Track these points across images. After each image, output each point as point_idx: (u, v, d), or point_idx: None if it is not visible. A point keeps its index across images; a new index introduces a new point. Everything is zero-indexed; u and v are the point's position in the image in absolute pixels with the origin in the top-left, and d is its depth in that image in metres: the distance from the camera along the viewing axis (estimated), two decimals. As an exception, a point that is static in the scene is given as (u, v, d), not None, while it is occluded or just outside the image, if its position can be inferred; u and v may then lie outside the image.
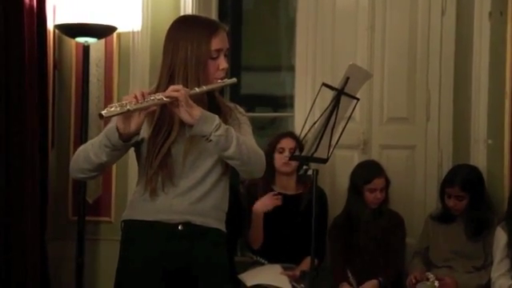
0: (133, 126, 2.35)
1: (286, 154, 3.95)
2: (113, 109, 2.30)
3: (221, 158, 2.47)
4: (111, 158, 2.43)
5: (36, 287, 4.01)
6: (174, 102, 2.34)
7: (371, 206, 4.00)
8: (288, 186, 4.07)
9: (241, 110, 2.63)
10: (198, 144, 2.46)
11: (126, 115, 2.33)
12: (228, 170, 2.54)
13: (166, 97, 2.34)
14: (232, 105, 2.63)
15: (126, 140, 2.39)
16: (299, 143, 3.89)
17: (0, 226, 3.78)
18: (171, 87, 2.37)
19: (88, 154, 2.42)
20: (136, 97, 2.33)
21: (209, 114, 2.37)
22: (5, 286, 3.81)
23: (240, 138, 2.41)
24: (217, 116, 2.38)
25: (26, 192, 3.90)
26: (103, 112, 2.29)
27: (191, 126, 2.36)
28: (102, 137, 2.41)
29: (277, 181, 4.07)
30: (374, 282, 3.88)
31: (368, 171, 4.02)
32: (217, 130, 2.35)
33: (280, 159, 4.00)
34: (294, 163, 3.96)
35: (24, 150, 3.89)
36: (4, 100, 3.78)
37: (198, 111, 2.35)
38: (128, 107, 2.30)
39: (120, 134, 2.36)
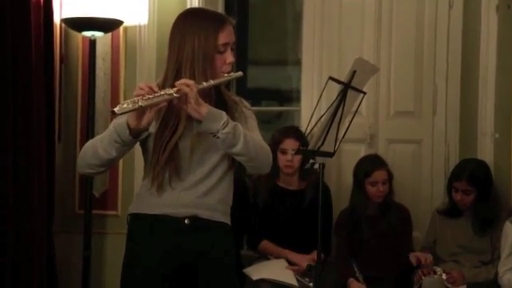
0: (144, 121, 2.35)
1: (289, 157, 3.95)
2: (125, 105, 2.29)
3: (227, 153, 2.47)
4: (120, 154, 2.43)
5: (43, 280, 4.03)
6: (183, 98, 2.34)
7: (375, 200, 3.99)
8: (291, 181, 4.07)
9: (246, 103, 2.63)
10: (204, 139, 2.46)
11: (139, 111, 2.32)
12: (234, 165, 2.54)
13: (177, 91, 2.34)
14: (237, 98, 2.63)
15: (136, 136, 2.39)
16: (303, 140, 3.86)
17: (8, 218, 3.79)
18: (182, 80, 2.36)
19: (97, 149, 2.42)
20: (144, 89, 2.32)
21: (216, 111, 2.37)
22: (12, 279, 3.82)
23: (247, 135, 2.41)
24: (224, 113, 2.38)
25: (32, 185, 3.91)
26: (116, 109, 2.29)
27: (199, 122, 2.36)
28: (111, 132, 2.40)
29: (280, 176, 4.07)
30: None
31: (368, 164, 4.01)
32: (224, 127, 2.35)
33: (283, 160, 3.99)
34: (297, 163, 3.97)
35: (31, 144, 3.90)
36: (11, 94, 3.78)
37: (205, 108, 2.35)
38: (140, 104, 2.30)
39: (130, 130, 2.36)
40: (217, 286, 2.54)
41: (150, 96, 2.32)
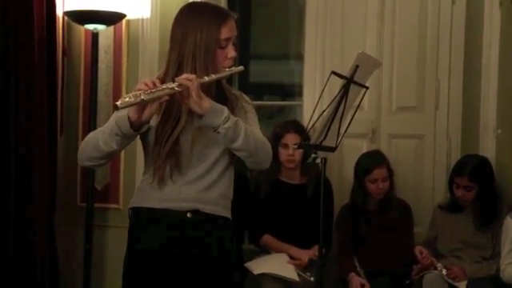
0: (145, 115, 2.35)
1: (290, 151, 3.95)
2: (127, 99, 2.30)
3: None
4: (121, 146, 2.44)
5: (45, 273, 4.04)
6: (184, 92, 2.34)
7: (375, 197, 3.99)
8: (293, 176, 4.07)
9: (246, 98, 2.63)
10: (205, 133, 2.46)
11: (140, 105, 2.33)
12: (234, 159, 2.54)
13: (179, 85, 2.34)
14: (238, 93, 2.63)
15: (137, 129, 2.40)
16: (304, 135, 3.86)
17: (9, 211, 3.80)
18: (184, 75, 2.36)
19: (97, 142, 2.42)
20: (148, 85, 2.32)
21: (218, 106, 2.37)
22: (14, 272, 3.83)
23: (248, 130, 2.41)
24: (226, 108, 2.38)
25: (34, 179, 3.92)
26: (118, 103, 2.29)
27: (200, 116, 2.36)
28: (112, 125, 2.40)
29: (282, 171, 4.07)
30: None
31: (368, 162, 4.01)
32: (225, 122, 2.35)
33: (284, 155, 3.99)
34: (298, 157, 3.98)
35: (33, 136, 3.90)
36: (13, 87, 3.79)
37: (207, 103, 2.35)
38: (142, 97, 2.30)
39: (131, 123, 2.36)
40: (217, 285, 2.54)
41: (152, 90, 2.32)
